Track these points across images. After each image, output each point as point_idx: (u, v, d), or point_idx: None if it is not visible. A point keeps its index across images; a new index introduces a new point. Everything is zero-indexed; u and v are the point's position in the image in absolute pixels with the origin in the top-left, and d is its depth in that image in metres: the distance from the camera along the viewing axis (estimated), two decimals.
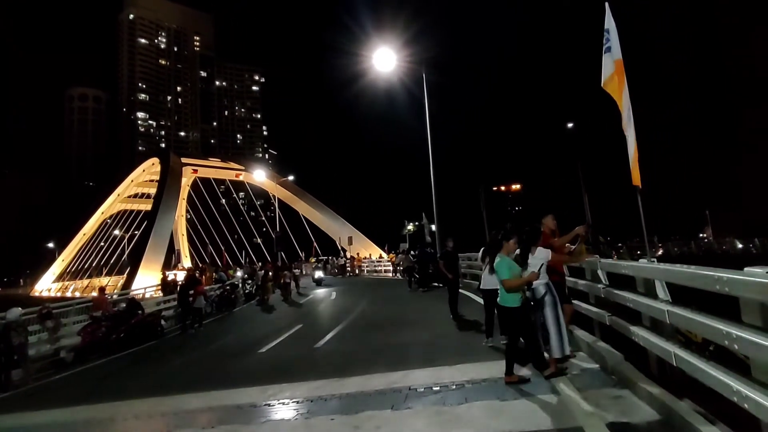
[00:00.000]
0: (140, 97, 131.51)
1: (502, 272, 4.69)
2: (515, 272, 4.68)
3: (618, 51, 4.98)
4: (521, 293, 4.65)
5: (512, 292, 4.59)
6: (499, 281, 4.72)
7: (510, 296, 4.62)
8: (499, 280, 4.70)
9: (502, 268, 4.72)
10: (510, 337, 4.73)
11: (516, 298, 4.60)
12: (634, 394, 3.78)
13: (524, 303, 4.70)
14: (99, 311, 11.61)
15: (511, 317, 4.66)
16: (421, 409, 4.20)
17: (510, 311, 4.64)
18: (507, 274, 4.64)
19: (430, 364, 5.62)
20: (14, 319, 8.26)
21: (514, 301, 4.61)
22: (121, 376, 8.14)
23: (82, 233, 58.88)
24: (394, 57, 16.43)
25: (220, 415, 4.86)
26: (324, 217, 42.79)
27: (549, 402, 3.97)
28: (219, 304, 16.48)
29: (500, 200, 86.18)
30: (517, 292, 4.60)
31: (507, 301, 4.65)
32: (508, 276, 4.63)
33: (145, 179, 51.79)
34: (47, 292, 57.89)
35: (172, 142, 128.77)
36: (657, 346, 3.62)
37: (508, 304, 4.65)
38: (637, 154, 4.88)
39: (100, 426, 5.17)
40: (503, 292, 4.68)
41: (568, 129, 30.20)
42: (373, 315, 11.32)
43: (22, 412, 6.22)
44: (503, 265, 4.73)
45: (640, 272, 4.08)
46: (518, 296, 4.61)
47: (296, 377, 5.91)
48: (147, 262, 34.42)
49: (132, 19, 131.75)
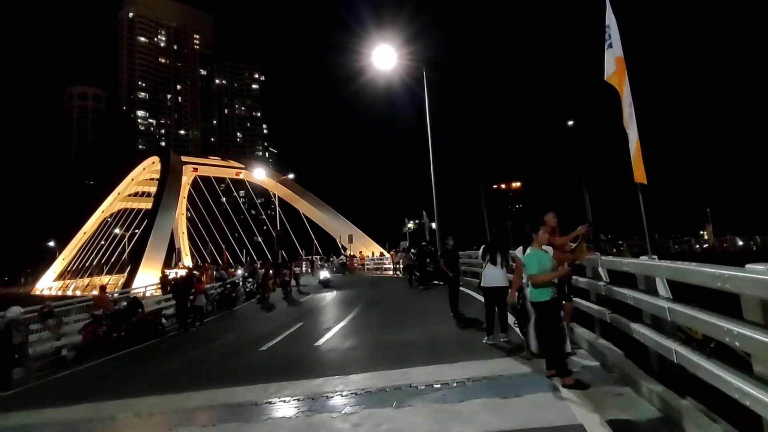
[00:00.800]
0: (140, 95, 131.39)
1: (531, 267, 4.53)
2: (545, 267, 4.52)
3: (619, 48, 4.97)
4: (552, 288, 4.49)
5: (540, 288, 4.45)
6: (528, 276, 4.58)
7: (539, 291, 4.48)
8: (528, 274, 4.56)
9: (531, 262, 4.55)
10: (544, 334, 4.63)
11: (545, 292, 4.45)
12: (635, 391, 3.78)
13: (554, 299, 4.53)
14: (100, 310, 11.62)
15: (539, 312, 4.56)
16: (422, 406, 4.21)
17: (538, 306, 4.52)
18: (536, 268, 4.48)
19: (430, 362, 5.62)
20: (15, 317, 8.26)
21: (542, 296, 4.46)
22: (122, 374, 8.15)
23: (83, 232, 58.88)
24: (394, 55, 16.43)
25: (222, 414, 4.86)
26: (324, 216, 42.77)
27: (550, 399, 3.98)
28: (220, 302, 16.50)
29: (501, 198, 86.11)
30: (545, 287, 4.45)
31: (536, 296, 4.52)
32: (537, 271, 4.47)
33: (145, 178, 51.76)
34: (48, 291, 57.95)
35: (172, 141, 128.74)
36: (658, 343, 3.62)
37: (537, 298, 4.51)
38: (640, 152, 4.87)
39: (101, 424, 5.18)
40: (532, 287, 4.57)
41: (569, 127, 30.20)
42: (373, 313, 11.32)
43: (23, 411, 6.22)
44: (533, 259, 4.56)
45: (640, 269, 4.07)
46: (548, 291, 4.45)
47: (297, 375, 5.92)
48: (147, 261, 34.41)
49: (131, 17, 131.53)
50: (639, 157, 4.91)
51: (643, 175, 4.89)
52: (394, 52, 16.43)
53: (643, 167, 4.85)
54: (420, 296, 13.49)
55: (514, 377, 4.70)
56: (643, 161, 4.94)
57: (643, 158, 4.96)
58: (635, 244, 28.86)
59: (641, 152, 4.90)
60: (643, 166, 4.86)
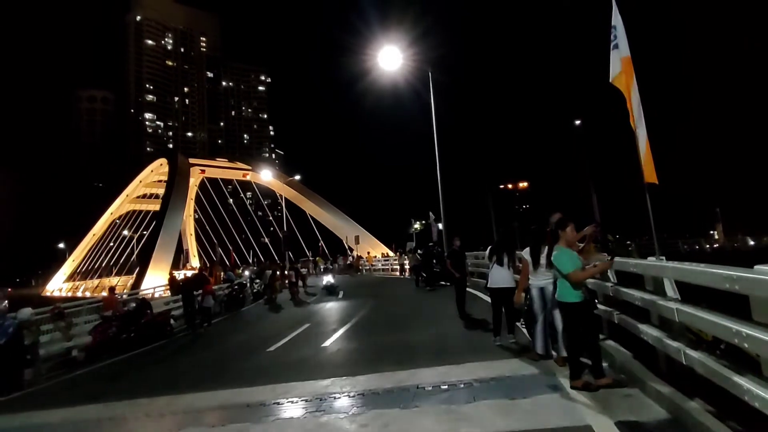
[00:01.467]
0: (148, 98, 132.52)
1: (564, 265, 4.21)
2: (578, 264, 4.27)
3: (626, 48, 4.94)
4: (582, 288, 4.25)
5: (573, 287, 4.19)
6: (561, 276, 4.28)
7: (570, 290, 4.20)
8: (563, 274, 4.24)
9: (563, 260, 4.25)
10: (570, 337, 4.40)
11: (576, 293, 4.19)
12: (644, 392, 3.76)
13: (587, 299, 4.30)
14: (109, 311, 11.75)
15: (572, 314, 4.25)
16: (429, 407, 4.21)
17: (571, 307, 4.23)
18: (571, 266, 4.19)
19: (437, 363, 5.62)
20: (26, 318, 8.37)
21: (575, 296, 4.19)
22: (131, 375, 8.22)
23: (92, 234, 59.55)
24: (400, 56, 16.43)
25: (230, 414, 4.90)
26: (331, 217, 42.91)
27: (557, 400, 3.97)
28: (227, 303, 16.59)
29: (507, 198, 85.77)
30: (578, 287, 4.22)
31: (567, 296, 4.23)
32: (573, 268, 4.18)
33: (153, 180, 52.23)
34: (58, 292, 58.63)
35: (179, 143, 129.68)
36: (666, 344, 3.60)
37: (568, 299, 4.22)
38: (650, 151, 4.83)
39: (111, 424, 5.23)
40: (563, 286, 4.28)
41: (576, 126, 30.03)
42: (380, 314, 11.34)
43: (34, 411, 6.30)
44: (565, 257, 4.26)
45: (648, 270, 4.05)
46: (579, 291, 4.20)
47: (305, 376, 5.94)
48: (156, 262, 34.72)
49: (139, 20, 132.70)
50: (649, 156, 4.87)
51: (653, 175, 4.84)
52: (400, 52, 16.44)
53: (654, 167, 4.80)
54: (427, 297, 13.48)
55: (522, 378, 4.69)
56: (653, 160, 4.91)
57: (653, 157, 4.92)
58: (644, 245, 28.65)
59: (651, 152, 4.85)
60: (653, 165, 4.81)
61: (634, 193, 8.31)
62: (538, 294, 5.04)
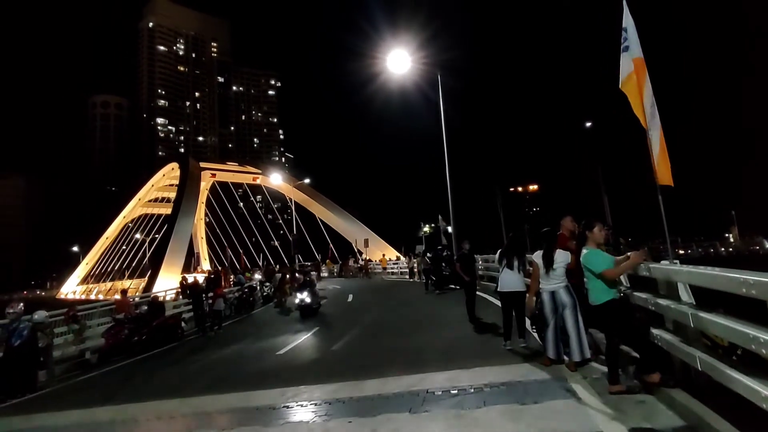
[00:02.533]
0: (160, 103, 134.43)
1: (598, 264, 4.11)
2: (611, 260, 4.15)
3: (637, 49, 4.88)
4: (616, 285, 4.17)
5: (611, 285, 4.08)
6: (594, 276, 4.15)
7: (604, 290, 4.09)
8: (596, 273, 4.12)
9: (595, 259, 4.15)
10: (609, 338, 4.22)
11: (610, 292, 4.09)
12: (658, 399, 3.69)
13: (623, 294, 4.19)
14: (122, 314, 11.88)
15: (611, 312, 4.09)
16: (440, 412, 4.18)
17: (608, 307, 4.08)
18: (606, 263, 4.10)
19: (447, 367, 5.58)
20: (40, 321, 8.50)
21: (610, 294, 4.08)
22: (143, 377, 8.29)
23: (105, 237, 60.36)
24: (409, 59, 16.45)
25: (240, 417, 4.91)
26: (340, 220, 43.00)
27: (569, 406, 3.91)
28: (238, 306, 16.69)
29: (517, 201, 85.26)
30: (614, 286, 4.12)
31: (602, 297, 4.10)
32: (607, 265, 4.09)
33: (165, 184, 52.82)
34: (72, 295, 59.45)
35: (190, 147, 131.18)
36: (681, 350, 3.53)
37: (604, 298, 4.09)
38: (666, 152, 4.74)
39: (123, 426, 5.28)
40: (596, 289, 4.15)
41: (587, 128, 29.75)
42: (389, 317, 11.32)
43: (48, 413, 6.38)
44: (596, 256, 4.16)
45: (661, 274, 3.98)
46: (613, 290, 4.10)
47: (314, 380, 5.95)
48: (167, 265, 35.06)
49: (151, 27, 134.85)
50: (664, 158, 4.77)
51: (668, 177, 4.74)
52: (409, 55, 16.46)
53: (669, 168, 4.71)
54: (436, 300, 13.42)
55: (533, 383, 4.64)
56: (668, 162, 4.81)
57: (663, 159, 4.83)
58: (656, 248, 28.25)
59: (667, 153, 4.75)
60: (669, 167, 4.72)
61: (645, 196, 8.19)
62: (549, 298, 4.98)
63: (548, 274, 4.99)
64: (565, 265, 4.99)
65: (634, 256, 4.12)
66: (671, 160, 4.79)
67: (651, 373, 3.87)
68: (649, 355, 3.95)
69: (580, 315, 4.87)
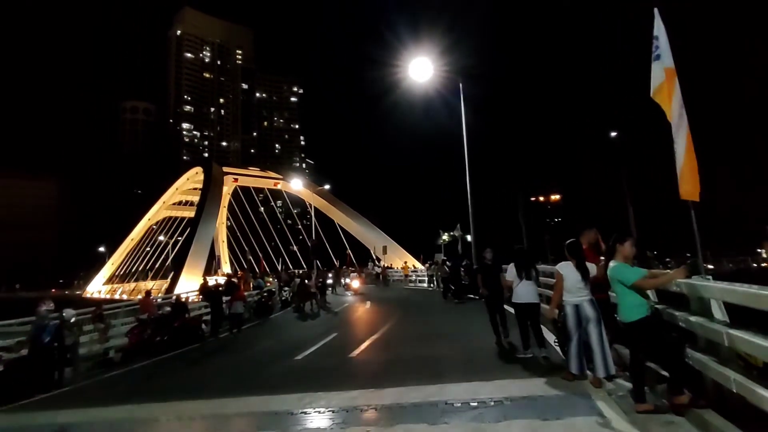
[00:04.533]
0: (186, 108, 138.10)
1: (628, 276, 3.97)
2: (642, 273, 3.99)
3: (668, 58, 4.77)
4: (648, 302, 4.00)
5: (642, 302, 3.95)
6: (624, 291, 4.00)
7: (636, 307, 3.94)
8: (628, 285, 3.96)
9: (625, 271, 4.02)
10: (634, 354, 4.06)
11: (642, 308, 3.93)
12: (688, 420, 3.55)
13: (655, 312, 4.01)
14: (145, 314, 12.11)
15: (643, 330, 3.92)
16: (458, 424, 4.11)
17: (640, 325, 3.91)
18: (635, 275, 3.95)
19: (466, 379, 5.51)
20: (68, 319, 8.74)
21: (642, 311, 3.92)
22: (164, 377, 8.43)
23: (130, 238, 61.90)
24: (430, 66, 16.46)
25: (258, 421, 4.93)
26: (359, 226, 43.10)
27: (593, 424, 3.79)
28: (257, 310, 16.82)
29: (539, 211, 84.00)
30: (645, 302, 3.97)
31: (634, 314, 3.94)
32: (638, 276, 3.93)
33: (189, 187, 53.94)
34: (98, 294, 61.07)
35: (214, 152, 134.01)
36: (713, 369, 3.40)
37: (636, 316, 3.93)
38: (695, 166, 4.60)
39: (145, 425, 5.36)
40: (627, 305, 3.99)
41: (612, 138, 29.16)
42: (408, 326, 11.25)
43: (73, 409, 6.53)
44: (626, 269, 4.04)
45: (692, 291, 3.85)
46: (645, 306, 3.94)
47: (331, 386, 5.93)
48: (189, 267, 35.68)
49: (179, 35, 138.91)
50: (691, 172, 4.63)
51: (694, 191, 4.59)
52: (430, 63, 16.48)
53: (697, 183, 4.56)
54: (455, 310, 13.29)
55: (555, 398, 4.53)
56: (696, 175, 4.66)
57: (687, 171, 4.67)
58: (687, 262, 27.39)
59: (696, 166, 4.61)
60: (697, 181, 4.57)
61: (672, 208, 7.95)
62: (572, 311, 4.87)
63: (579, 286, 4.86)
64: (590, 278, 4.89)
65: (675, 272, 3.97)
66: (705, 173, 4.64)
67: (680, 393, 3.72)
68: (679, 375, 3.80)
69: (604, 329, 4.75)
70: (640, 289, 3.98)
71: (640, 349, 4.03)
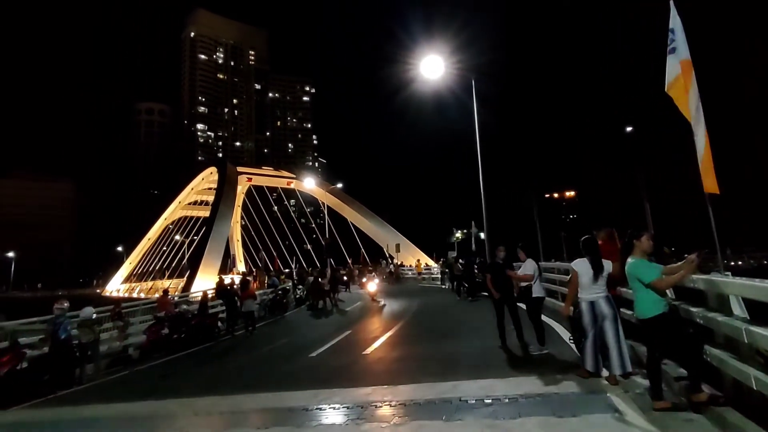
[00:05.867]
0: (200, 109, 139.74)
1: (646, 273, 3.90)
2: (659, 270, 3.93)
3: (685, 51, 4.69)
4: (665, 299, 3.94)
5: (659, 298, 3.89)
6: (641, 287, 3.94)
7: (653, 303, 3.88)
8: (646, 283, 3.91)
9: (644, 269, 3.94)
10: (651, 351, 4.00)
11: (659, 305, 3.87)
12: (707, 418, 3.50)
13: (672, 308, 3.96)
14: (162, 312, 12.33)
15: (659, 327, 3.88)
16: (473, 421, 4.11)
17: (657, 321, 3.87)
18: (653, 273, 3.88)
19: (480, 376, 5.50)
20: (87, 317, 8.94)
21: (659, 307, 3.86)
22: (181, 374, 8.58)
23: (147, 238, 62.95)
24: (442, 64, 16.36)
25: (274, 417, 4.99)
26: (372, 225, 43.14)
27: (610, 421, 3.76)
28: (271, 308, 17.00)
29: (553, 208, 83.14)
30: (663, 298, 3.92)
31: (651, 310, 3.89)
32: (657, 275, 3.88)
33: (204, 187, 54.60)
34: (116, 293, 62.29)
35: (228, 152, 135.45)
36: (733, 367, 3.35)
37: (653, 312, 3.88)
38: (711, 158, 4.52)
39: (163, 420, 5.46)
40: (644, 301, 3.94)
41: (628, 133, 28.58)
42: (421, 323, 11.25)
43: (93, 405, 6.69)
44: (645, 266, 3.96)
45: (711, 287, 3.79)
46: (662, 302, 3.89)
47: (346, 383, 5.98)
48: (205, 266, 36.08)
49: (193, 36, 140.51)
50: (709, 164, 4.56)
51: (714, 184, 4.52)
52: (442, 60, 16.37)
53: (715, 176, 4.49)
54: (468, 308, 13.25)
55: (571, 396, 4.50)
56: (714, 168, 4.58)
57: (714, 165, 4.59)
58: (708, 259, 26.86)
59: (712, 159, 4.53)
60: (714, 174, 4.50)
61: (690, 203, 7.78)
62: (588, 308, 4.82)
63: (594, 282, 4.81)
64: (607, 274, 4.84)
65: (688, 265, 3.87)
66: (717, 165, 4.56)
67: (699, 391, 3.67)
68: (698, 372, 3.74)
69: (621, 326, 4.70)
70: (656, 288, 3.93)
71: (657, 346, 3.98)
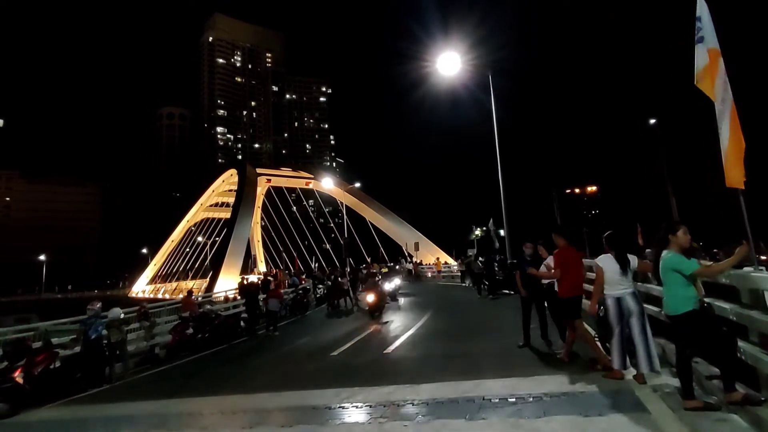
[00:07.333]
0: (219, 112, 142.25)
1: (685, 265, 3.76)
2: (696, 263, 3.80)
3: (713, 38, 4.53)
4: (695, 296, 3.80)
5: (691, 294, 3.76)
6: (674, 282, 3.83)
7: (684, 300, 3.76)
8: (686, 275, 3.76)
9: (682, 261, 3.80)
10: (681, 349, 3.88)
11: (691, 301, 3.75)
12: (742, 417, 3.38)
13: (703, 306, 3.83)
14: (187, 312, 12.58)
15: (690, 323, 3.75)
16: (497, 420, 4.07)
17: (687, 318, 3.75)
18: (691, 264, 3.75)
19: (503, 374, 5.44)
20: (115, 317, 9.19)
21: (690, 304, 3.74)
22: (206, 373, 8.74)
23: (171, 240, 64.28)
24: (459, 60, 16.22)
25: (297, 415, 5.03)
26: (390, 223, 43.14)
27: (639, 420, 3.66)
28: (292, 307, 17.17)
29: (575, 203, 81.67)
30: (694, 295, 3.79)
31: (681, 306, 3.76)
32: (697, 266, 3.75)
33: (224, 189, 55.47)
34: (142, 294, 63.83)
35: (247, 154, 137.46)
36: None
37: (683, 309, 3.75)
38: (740, 152, 4.35)
39: (190, 418, 5.57)
40: (675, 297, 3.82)
41: (651, 125, 27.86)
42: (442, 322, 11.20)
43: (122, 403, 6.88)
44: (681, 259, 3.82)
45: (745, 282, 3.66)
46: (694, 299, 3.77)
47: (368, 381, 5.99)
48: (227, 267, 36.67)
49: (211, 41, 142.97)
50: (734, 157, 4.38)
51: (740, 178, 4.34)
52: (459, 57, 16.24)
53: (742, 169, 4.31)
54: (489, 305, 13.13)
55: (597, 395, 4.41)
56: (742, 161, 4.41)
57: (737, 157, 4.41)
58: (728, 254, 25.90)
59: (742, 153, 4.35)
60: (741, 167, 4.33)
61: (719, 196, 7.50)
62: (614, 304, 4.70)
63: (621, 278, 4.70)
64: (634, 270, 4.72)
65: (740, 250, 3.67)
66: (753, 156, 4.39)
67: (732, 390, 3.53)
68: (731, 370, 3.60)
69: (648, 323, 4.58)
70: (697, 280, 3.79)
71: (687, 344, 3.85)
